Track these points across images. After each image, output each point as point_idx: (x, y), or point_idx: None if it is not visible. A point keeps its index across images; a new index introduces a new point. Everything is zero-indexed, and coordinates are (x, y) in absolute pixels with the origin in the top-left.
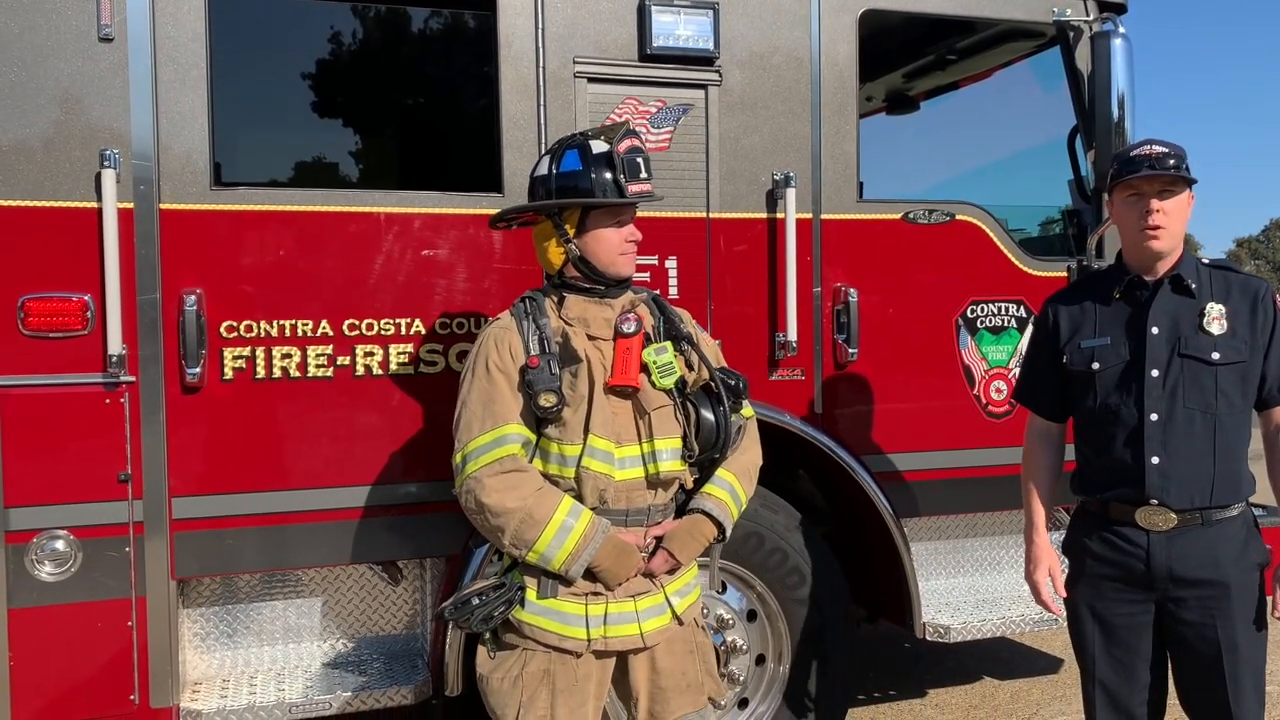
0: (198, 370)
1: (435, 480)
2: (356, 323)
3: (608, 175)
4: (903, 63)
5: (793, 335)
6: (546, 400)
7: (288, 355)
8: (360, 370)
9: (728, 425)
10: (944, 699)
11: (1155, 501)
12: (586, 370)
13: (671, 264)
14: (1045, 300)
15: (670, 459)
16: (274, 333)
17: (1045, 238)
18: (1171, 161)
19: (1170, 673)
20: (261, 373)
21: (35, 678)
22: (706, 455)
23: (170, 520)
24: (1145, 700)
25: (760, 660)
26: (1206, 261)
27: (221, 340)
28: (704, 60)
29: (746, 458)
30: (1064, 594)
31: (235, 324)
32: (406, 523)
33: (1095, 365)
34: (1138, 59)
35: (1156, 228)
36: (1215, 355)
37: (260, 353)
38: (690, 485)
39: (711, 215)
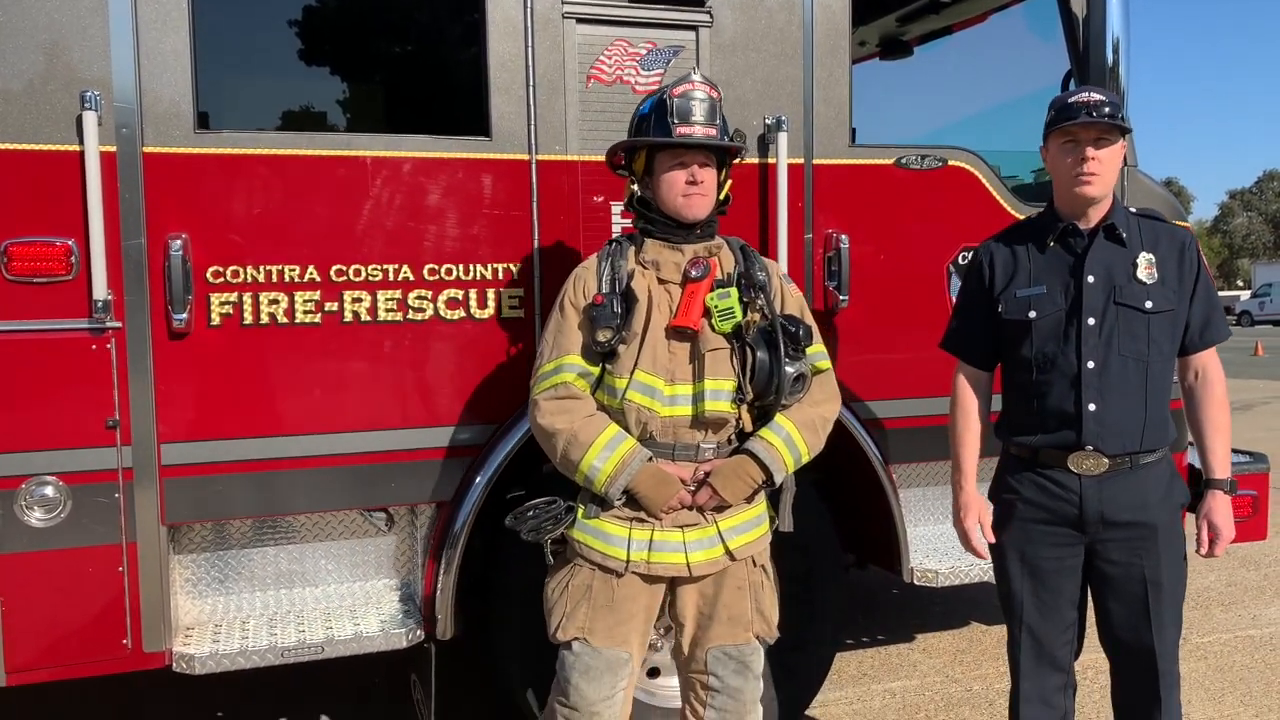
0: (184, 316)
1: (425, 427)
2: (344, 268)
3: (663, 119)
4: (896, 6)
5: None
6: (602, 335)
7: (275, 301)
8: (348, 316)
9: (782, 370)
10: (932, 643)
11: (1090, 447)
12: (644, 310)
13: None
14: (976, 249)
15: (718, 400)
16: (261, 278)
17: (1038, 184)
18: (1108, 109)
19: (1092, 611)
20: (249, 318)
21: (27, 623)
22: (762, 400)
23: (159, 466)
24: (1068, 641)
25: None
26: (1134, 210)
27: (208, 286)
28: (694, 1)
29: (815, 410)
30: (992, 540)
31: (221, 269)
32: (397, 469)
33: (1032, 314)
34: (1132, 4)
35: (1091, 174)
36: (1149, 304)
37: (247, 298)
38: (749, 429)
39: None
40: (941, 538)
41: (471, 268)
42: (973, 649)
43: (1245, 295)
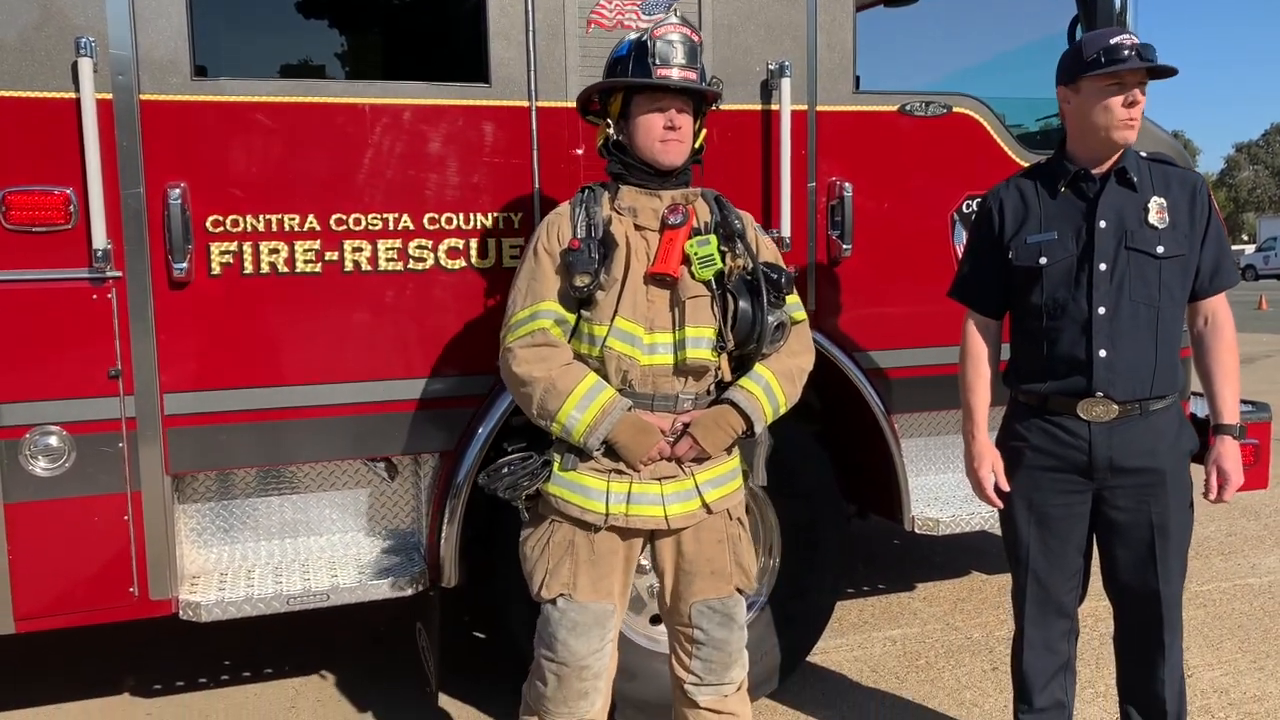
0: (184, 265)
1: (427, 377)
2: (344, 218)
3: (642, 60)
4: None
5: (786, 231)
6: (580, 280)
7: (275, 250)
8: (349, 266)
9: (764, 318)
10: (932, 592)
11: (1100, 394)
12: (623, 256)
13: None
14: (985, 195)
15: (699, 347)
16: (260, 227)
17: (1043, 132)
18: (1153, 53)
19: (1097, 558)
20: (249, 268)
21: (35, 571)
22: (742, 348)
23: (162, 416)
24: (1074, 588)
25: None
26: (1144, 155)
27: (208, 235)
28: None
29: (793, 360)
30: (1007, 488)
31: (221, 218)
32: (400, 419)
33: (1043, 260)
34: None
35: (1135, 120)
36: (1160, 249)
37: (247, 248)
38: (729, 379)
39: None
40: (943, 487)
41: (472, 216)
42: (973, 597)
43: (1250, 249)
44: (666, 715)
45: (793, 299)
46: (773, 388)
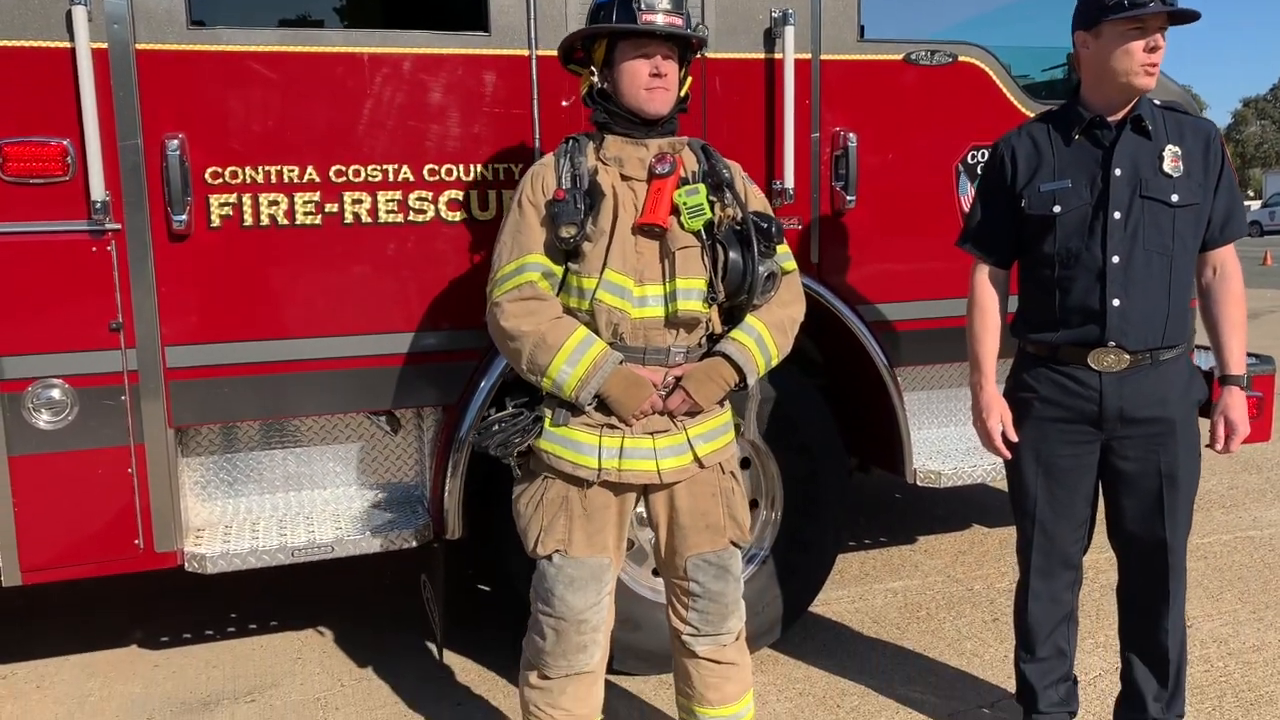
0: (184, 218)
1: (429, 330)
2: (343, 169)
3: (627, 6)
4: None
5: (790, 182)
6: (566, 231)
7: (275, 202)
8: (349, 218)
9: (755, 268)
10: (933, 545)
11: (1113, 343)
12: (611, 206)
13: None
14: (996, 143)
15: (690, 299)
16: (260, 179)
17: (1049, 82)
18: None
19: (1102, 508)
20: (249, 220)
21: (41, 523)
22: (733, 299)
23: (164, 369)
24: (1079, 539)
25: (753, 505)
26: (1158, 103)
27: (207, 187)
28: None
29: (784, 311)
30: (1015, 439)
31: (220, 170)
32: (402, 372)
33: (1056, 208)
34: None
35: (1156, 65)
36: (1175, 197)
37: (247, 199)
38: (719, 330)
39: (707, 55)
40: (945, 440)
41: (472, 168)
42: (974, 550)
43: (1256, 205)
44: (669, 664)
45: (783, 249)
46: (764, 339)
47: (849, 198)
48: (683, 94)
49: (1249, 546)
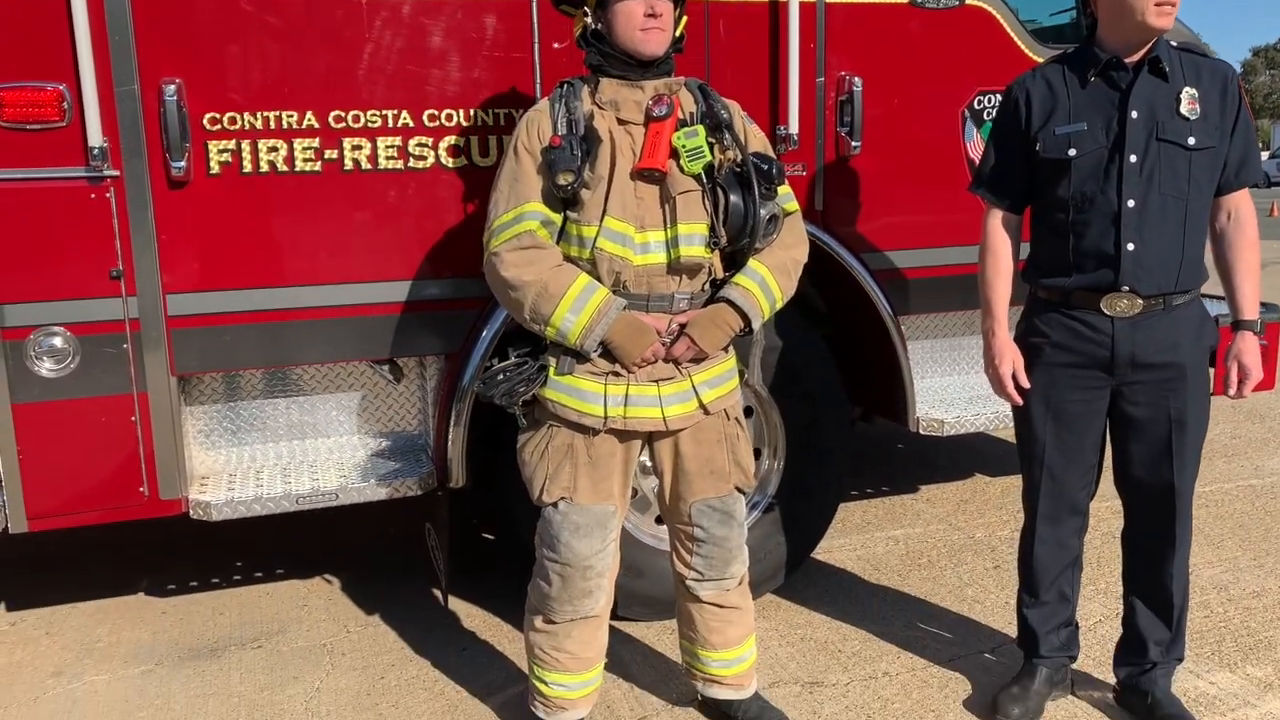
0: (183, 164)
1: (430, 278)
2: (343, 114)
3: None
4: None
5: (794, 128)
6: (564, 179)
7: (274, 148)
8: (349, 165)
9: (756, 211)
10: (935, 494)
11: (1126, 288)
12: (608, 152)
13: None
14: (1010, 85)
15: (692, 244)
16: (259, 125)
17: (1057, 26)
18: None
19: (1110, 454)
20: (248, 167)
21: (46, 471)
22: (735, 243)
23: (166, 317)
24: (1087, 484)
25: (756, 454)
26: (1175, 45)
27: (205, 133)
28: None
29: (787, 253)
30: (1027, 385)
31: (219, 116)
32: (404, 321)
33: (1072, 151)
34: None
35: (1174, 4)
36: (1191, 140)
37: (246, 146)
38: (721, 275)
39: None
40: (948, 389)
41: (473, 113)
42: (976, 499)
43: (1265, 156)
44: (672, 610)
45: (784, 190)
46: (768, 282)
47: (854, 143)
48: (678, 33)
49: (1250, 495)
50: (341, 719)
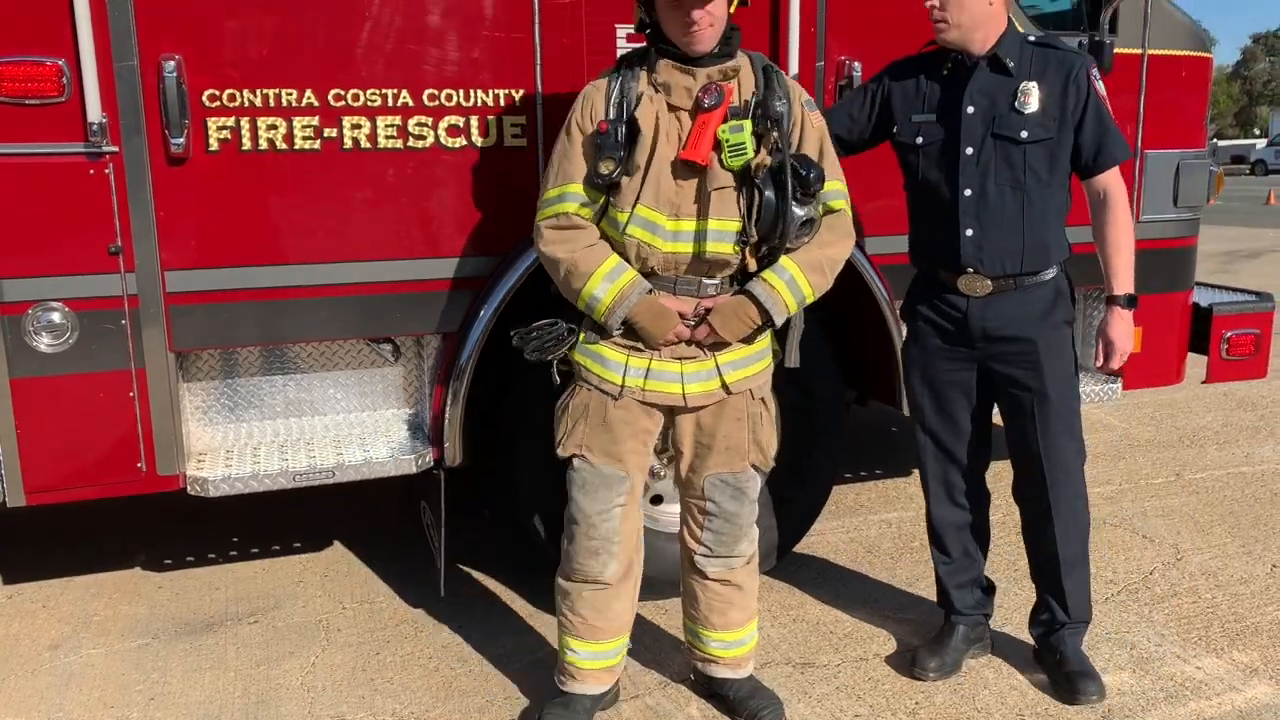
0: (182, 141)
1: (429, 257)
2: (342, 93)
3: None
4: None
5: None
6: (605, 168)
7: (273, 126)
8: (348, 143)
9: (788, 213)
10: None
11: (971, 270)
12: (649, 141)
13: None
14: (890, 63)
15: (719, 240)
16: (258, 102)
17: (1057, 13)
18: None
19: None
20: (248, 144)
21: (44, 445)
22: (767, 242)
23: (164, 293)
24: (966, 445)
25: None
26: (1033, 39)
27: (205, 110)
28: None
29: (823, 251)
30: None
31: (218, 93)
32: (402, 299)
33: (919, 140)
34: None
35: (943, 20)
36: (1024, 134)
37: (245, 123)
38: (752, 269)
39: None
40: None
41: (472, 93)
42: None
43: (1261, 144)
44: (667, 591)
45: (834, 185)
46: (796, 280)
47: None
48: (732, 9)
49: (1240, 482)
50: (337, 695)
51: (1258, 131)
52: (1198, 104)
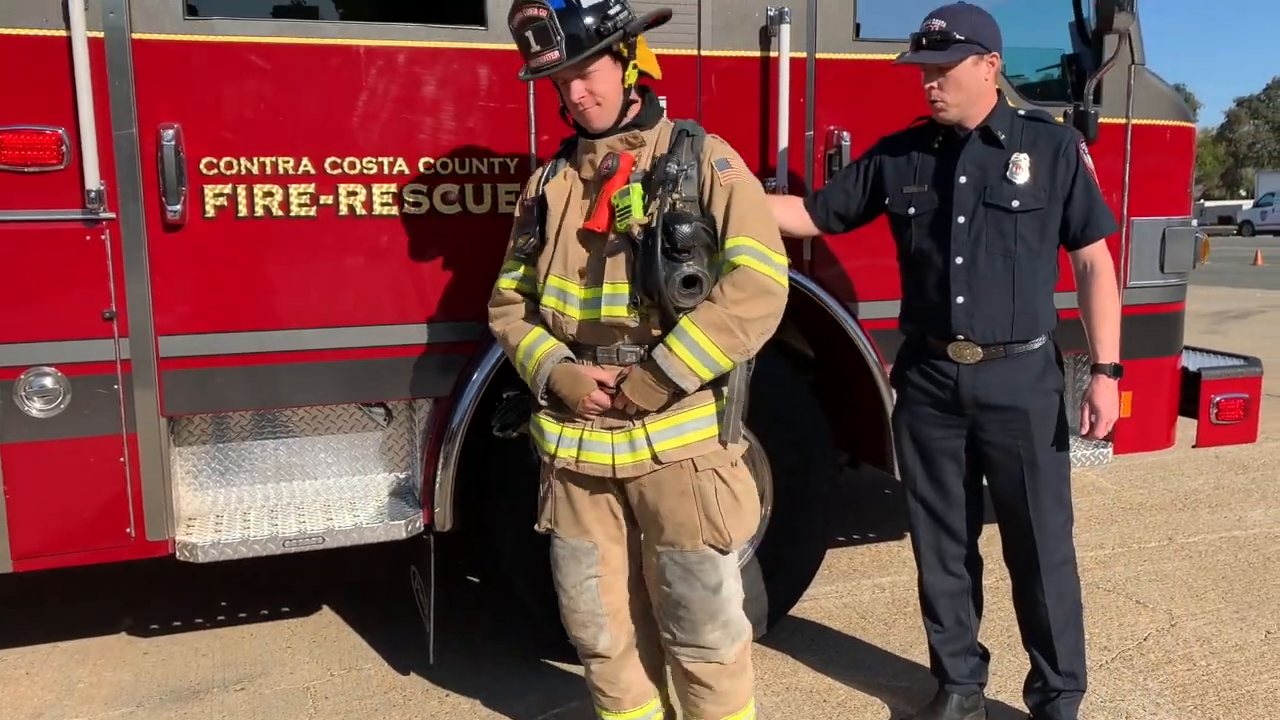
0: (178, 208)
1: (422, 322)
2: (338, 161)
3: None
4: None
5: (783, 180)
6: (520, 241)
7: (269, 193)
8: (344, 210)
9: (659, 273)
10: None
11: (962, 337)
12: (558, 213)
13: (660, 103)
14: (883, 138)
15: (613, 304)
16: (255, 170)
17: (1043, 83)
18: (939, 36)
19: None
20: (244, 211)
21: (32, 511)
22: (657, 304)
23: (157, 358)
24: (958, 512)
25: None
26: (1023, 112)
27: (202, 177)
28: None
29: (729, 310)
30: None
31: (215, 160)
32: (394, 364)
33: (911, 210)
34: None
35: (941, 100)
36: (1015, 204)
37: (242, 190)
38: (656, 333)
39: (703, 53)
40: None
41: (467, 161)
42: None
43: (1248, 205)
44: None
45: (740, 241)
46: (698, 342)
47: None
48: (627, 85)
49: (1233, 546)
50: None
51: (1244, 192)
52: (1182, 171)
